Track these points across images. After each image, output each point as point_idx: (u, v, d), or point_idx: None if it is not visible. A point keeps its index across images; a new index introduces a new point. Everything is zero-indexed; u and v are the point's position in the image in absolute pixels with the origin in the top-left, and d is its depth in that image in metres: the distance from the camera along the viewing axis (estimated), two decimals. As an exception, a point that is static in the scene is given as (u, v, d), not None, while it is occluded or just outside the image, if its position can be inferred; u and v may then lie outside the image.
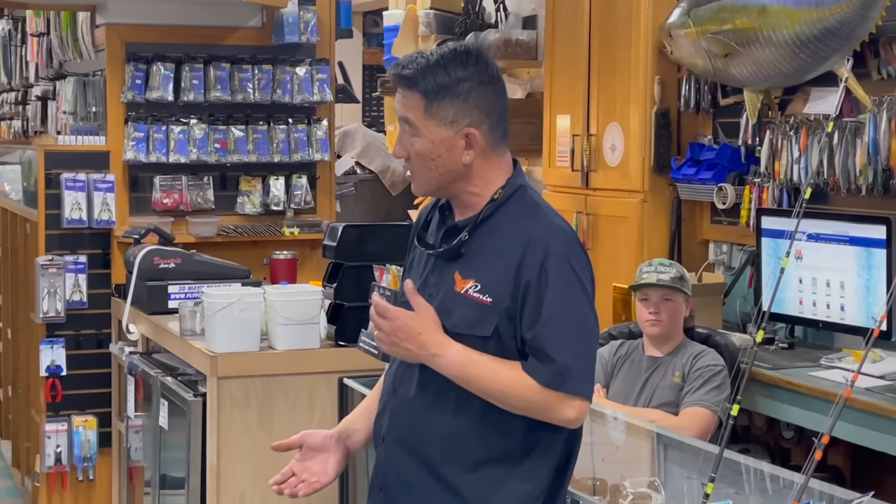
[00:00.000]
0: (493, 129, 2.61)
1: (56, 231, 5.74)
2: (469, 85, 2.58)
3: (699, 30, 4.84)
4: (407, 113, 2.61)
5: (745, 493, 3.02)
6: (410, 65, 2.60)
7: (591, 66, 5.56)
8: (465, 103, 2.58)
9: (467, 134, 2.58)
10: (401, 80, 2.61)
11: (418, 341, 2.56)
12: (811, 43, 4.50)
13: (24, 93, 8.88)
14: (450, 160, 2.60)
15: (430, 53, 2.61)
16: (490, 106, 2.60)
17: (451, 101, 2.57)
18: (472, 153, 2.60)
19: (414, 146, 2.61)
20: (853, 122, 4.47)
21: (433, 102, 2.57)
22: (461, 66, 2.58)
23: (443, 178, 2.62)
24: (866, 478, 4.39)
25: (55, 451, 5.71)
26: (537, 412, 2.55)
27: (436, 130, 2.58)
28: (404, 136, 2.63)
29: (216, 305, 4.22)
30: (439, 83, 2.57)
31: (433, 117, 2.58)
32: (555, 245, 2.55)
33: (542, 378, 2.52)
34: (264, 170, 6.28)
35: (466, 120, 2.58)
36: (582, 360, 2.55)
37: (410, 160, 2.63)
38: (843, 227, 4.44)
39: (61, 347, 5.72)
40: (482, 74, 2.59)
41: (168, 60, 6.05)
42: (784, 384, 4.23)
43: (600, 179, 5.52)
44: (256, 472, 4.20)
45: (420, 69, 2.58)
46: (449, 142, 2.59)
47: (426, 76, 2.57)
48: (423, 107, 2.58)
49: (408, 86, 2.60)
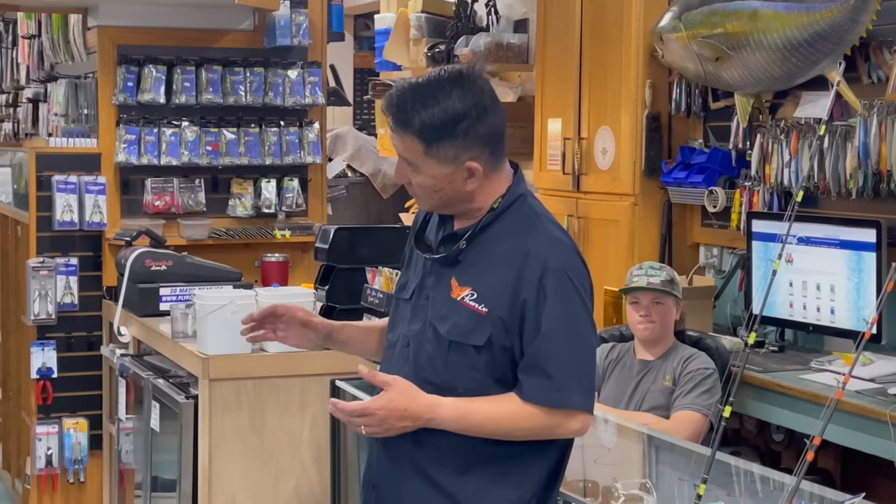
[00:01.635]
0: (493, 154, 2.58)
1: (47, 233, 5.74)
2: (467, 123, 2.51)
3: (690, 34, 4.85)
4: (406, 154, 2.56)
5: (736, 495, 3.03)
6: (403, 105, 2.52)
7: (582, 69, 5.57)
8: (465, 140, 2.53)
9: (469, 168, 2.55)
10: (396, 123, 2.54)
11: (409, 417, 2.52)
12: (802, 47, 4.51)
13: (14, 95, 8.87)
14: (452, 190, 2.58)
15: (422, 86, 2.53)
16: (489, 135, 2.56)
17: (451, 142, 2.52)
18: (475, 182, 2.57)
19: (416, 179, 2.58)
20: (843, 125, 4.48)
21: (432, 145, 2.52)
22: (457, 100, 2.51)
23: (446, 202, 2.61)
24: (856, 481, 4.40)
25: (46, 453, 5.71)
26: (544, 435, 2.55)
27: (436, 168, 2.55)
28: (405, 169, 2.59)
29: (208, 308, 4.22)
30: (436, 125, 2.50)
31: (433, 157, 2.54)
32: (553, 260, 2.54)
33: (543, 399, 2.51)
34: (256, 172, 6.28)
35: (467, 155, 2.54)
36: (581, 375, 2.55)
37: (412, 186, 2.61)
38: (834, 231, 4.46)
39: (52, 350, 5.72)
40: (478, 107, 2.53)
41: (160, 63, 6.05)
42: (774, 387, 4.24)
43: (591, 183, 5.53)
44: (248, 475, 4.21)
45: (415, 111, 2.50)
46: (450, 176, 2.56)
47: (422, 118, 2.50)
48: (422, 149, 2.53)
49: (404, 129, 2.54)
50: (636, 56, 5.26)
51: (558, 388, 2.51)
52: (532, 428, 2.53)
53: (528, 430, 2.54)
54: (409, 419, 2.51)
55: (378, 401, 2.50)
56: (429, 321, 2.62)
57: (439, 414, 2.52)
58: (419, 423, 2.52)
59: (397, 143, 2.57)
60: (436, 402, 2.53)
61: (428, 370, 2.60)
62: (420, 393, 2.53)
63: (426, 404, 2.52)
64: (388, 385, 2.51)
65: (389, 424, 2.52)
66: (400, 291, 2.75)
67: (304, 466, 4.28)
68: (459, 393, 2.57)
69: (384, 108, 2.59)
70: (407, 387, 2.52)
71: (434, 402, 2.53)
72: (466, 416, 2.52)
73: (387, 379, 2.52)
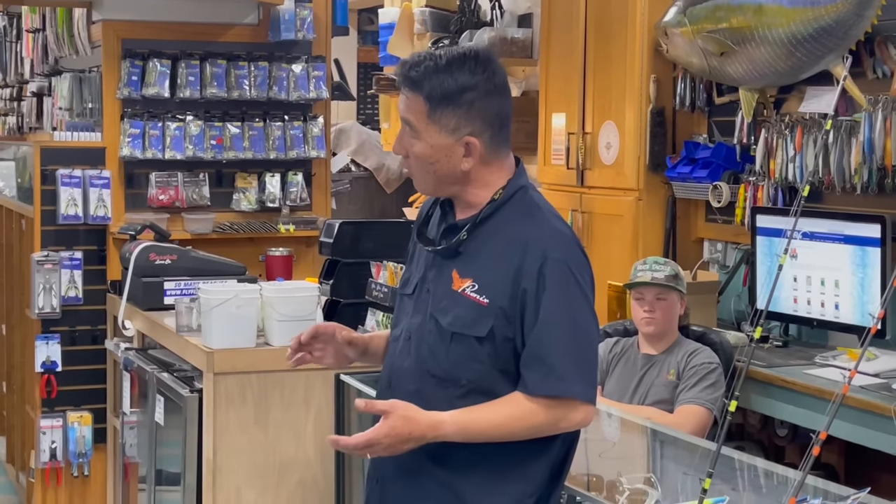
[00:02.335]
0: (494, 137, 2.60)
1: (52, 227, 5.74)
2: (474, 95, 2.56)
3: (695, 28, 4.85)
4: (409, 115, 2.60)
5: (741, 489, 3.03)
6: (417, 66, 2.58)
7: (586, 64, 5.57)
8: (468, 113, 2.56)
9: (467, 143, 2.57)
10: (406, 82, 2.59)
11: (414, 439, 2.52)
12: (807, 42, 4.51)
13: (19, 89, 8.87)
14: (448, 165, 2.60)
15: (440, 56, 2.59)
16: (493, 115, 2.59)
17: (454, 110, 2.56)
18: (471, 161, 2.59)
19: (413, 148, 2.60)
20: (848, 121, 4.48)
21: (436, 109, 2.56)
22: (469, 73, 2.56)
23: (440, 181, 2.62)
24: (860, 476, 4.40)
25: (50, 446, 5.71)
26: (548, 430, 2.56)
27: (436, 136, 2.58)
28: (405, 136, 2.62)
29: (213, 301, 4.22)
30: (444, 90, 2.55)
31: (435, 123, 2.57)
32: (553, 250, 2.55)
33: (545, 389, 2.52)
34: (260, 167, 6.28)
35: (468, 129, 2.57)
36: (583, 364, 2.55)
37: (409, 159, 2.63)
38: (838, 226, 4.46)
39: (56, 343, 5.72)
40: (488, 84, 2.57)
41: (164, 57, 6.05)
42: (779, 382, 4.25)
43: (595, 178, 5.53)
44: (252, 468, 4.21)
45: (427, 73, 2.56)
46: (448, 148, 2.58)
47: (432, 81, 2.56)
48: (426, 112, 2.57)
49: (412, 88, 2.58)
50: (640, 51, 5.26)
51: (560, 377, 2.51)
52: (535, 425, 2.53)
53: (531, 429, 2.54)
54: (414, 441, 2.51)
55: (381, 430, 2.49)
56: (430, 314, 2.62)
57: (442, 431, 2.52)
58: (424, 442, 2.52)
59: (403, 104, 2.62)
60: (437, 420, 2.52)
61: (430, 363, 2.61)
62: (419, 414, 2.52)
63: (428, 424, 2.51)
64: (388, 412, 2.50)
65: (395, 449, 2.52)
66: (403, 287, 2.77)
67: (308, 460, 4.29)
68: (463, 385, 2.58)
69: (397, 70, 2.64)
70: (406, 410, 2.51)
71: (435, 420, 2.52)
72: (469, 428, 2.53)
73: (385, 407, 2.51)
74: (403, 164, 2.68)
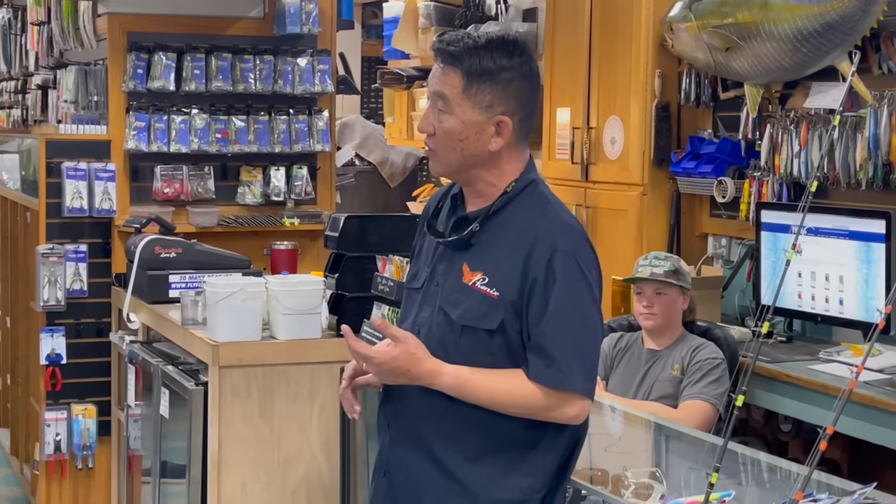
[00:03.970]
0: (522, 123, 2.61)
1: (57, 220, 5.75)
2: (511, 74, 2.57)
3: (700, 23, 4.85)
4: (444, 89, 2.58)
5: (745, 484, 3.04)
6: (456, 42, 2.58)
7: (591, 59, 5.57)
8: (505, 92, 2.57)
9: (499, 122, 2.58)
10: (444, 56, 2.59)
11: (409, 377, 2.57)
12: (812, 37, 4.51)
13: (24, 81, 8.87)
14: (477, 144, 2.59)
15: (479, 35, 2.60)
16: (526, 99, 2.60)
17: (492, 87, 2.56)
18: (500, 141, 2.59)
19: (443, 123, 2.59)
20: (854, 116, 4.48)
21: (473, 84, 2.56)
22: (507, 55, 2.57)
23: (465, 160, 2.61)
24: (864, 472, 4.41)
25: (55, 439, 5.72)
26: (538, 415, 2.57)
27: (469, 112, 2.57)
28: (434, 111, 2.61)
29: (218, 295, 4.23)
30: (483, 66, 2.56)
31: (470, 98, 2.57)
32: (563, 242, 2.56)
33: (544, 379, 2.53)
34: (265, 160, 6.28)
35: (502, 108, 2.57)
36: (584, 358, 2.56)
37: (435, 136, 2.61)
38: (843, 222, 4.46)
39: (61, 336, 5.73)
40: (525, 67, 2.59)
41: (170, 50, 6.06)
42: (783, 377, 4.25)
43: (600, 172, 5.53)
44: (257, 462, 4.22)
45: (466, 48, 2.57)
46: (480, 126, 2.58)
47: (472, 56, 2.56)
48: (463, 86, 2.56)
49: (451, 62, 2.58)
50: (646, 45, 5.26)
51: (560, 370, 2.53)
52: (527, 406, 2.55)
53: (523, 409, 2.56)
54: (408, 379, 2.57)
55: (384, 354, 2.55)
56: (439, 306, 2.63)
57: (439, 380, 2.56)
58: (417, 383, 2.57)
59: (437, 79, 2.60)
60: (438, 369, 2.56)
61: (440, 355, 2.61)
62: (426, 357, 2.56)
63: (428, 369, 2.56)
64: (399, 341, 2.55)
65: (387, 377, 2.59)
66: (411, 281, 2.76)
67: (313, 453, 4.29)
68: None
69: (434, 45, 2.64)
70: (416, 347, 2.56)
71: (436, 368, 2.56)
72: (465, 386, 2.56)
73: (398, 335, 2.56)
74: (426, 143, 2.65)
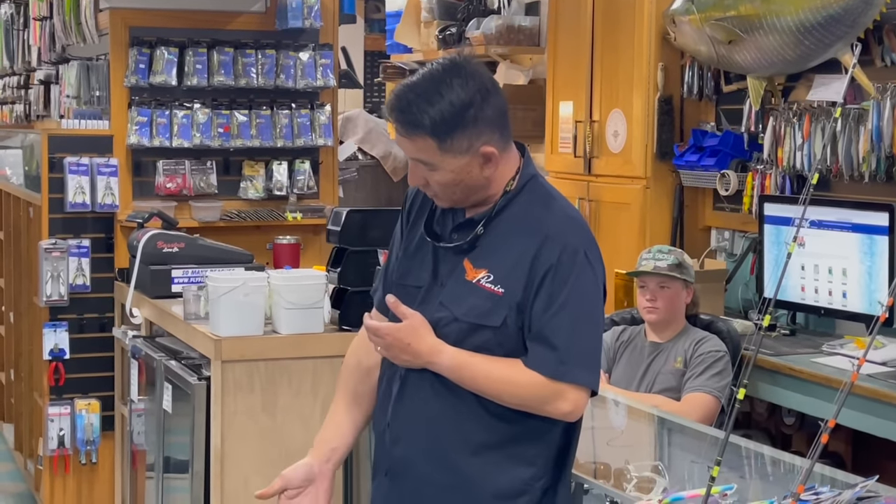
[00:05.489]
0: (502, 135, 2.59)
1: (59, 215, 5.74)
2: (474, 110, 2.50)
3: (703, 16, 4.85)
4: (420, 155, 2.55)
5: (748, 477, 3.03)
6: (408, 107, 2.50)
7: (594, 52, 5.57)
8: (476, 128, 2.52)
9: (484, 153, 2.55)
10: (405, 126, 2.52)
11: (410, 351, 2.58)
12: (815, 30, 4.51)
13: (26, 77, 8.87)
14: (471, 180, 2.57)
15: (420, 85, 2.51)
16: (496, 116, 2.55)
17: (463, 131, 2.51)
18: (493, 166, 2.57)
19: (433, 178, 2.57)
20: (857, 109, 4.48)
21: (445, 139, 2.51)
22: (460, 90, 2.50)
23: (468, 193, 2.60)
24: (867, 464, 4.41)
25: (58, 434, 5.72)
26: (532, 407, 2.56)
27: (453, 162, 2.54)
28: (420, 170, 2.58)
29: (220, 289, 4.22)
30: (446, 119, 2.49)
31: (449, 152, 2.52)
32: (571, 238, 2.56)
33: (544, 369, 2.53)
34: (267, 155, 6.28)
35: (481, 140, 2.54)
36: (586, 352, 2.56)
37: (430, 186, 2.60)
38: (846, 214, 4.46)
39: (64, 331, 5.72)
40: (482, 91, 2.52)
41: (171, 45, 6.05)
42: (786, 370, 4.25)
43: (603, 166, 5.53)
44: (260, 456, 4.22)
45: (420, 109, 2.49)
46: (468, 165, 2.55)
47: (430, 114, 2.49)
48: (436, 146, 2.52)
49: (414, 130, 2.51)
50: (648, 39, 5.25)
51: (561, 361, 2.52)
52: (523, 396, 2.55)
53: (518, 398, 2.56)
54: (411, 354, 2.59)
55: (391, 329, 2.59)
56: (442, 304, 2.62)
57: (439, 359, 2.57)
58: (419, 362, 2.59)
59: (408, 147, 2.55)
60: (438, 347, 2.57)
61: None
62: (428, 335, 2.58)
63: (429, 346, 2.57)
64: (406, 318, 2.59)
65: (392, 352, 2.61)
66: (405, 278, 2.72)
67: (315, 448, 4.28)
68: None
69: (388, 115, 2.57)
70: (420, 324, 2.58)
71: (437, 347, 2.57)
72: (463, 368, 2.57)
73: (406, 312, 2.59)
74: (423, 190, 2.64)
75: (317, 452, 2.79)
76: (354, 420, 2.82)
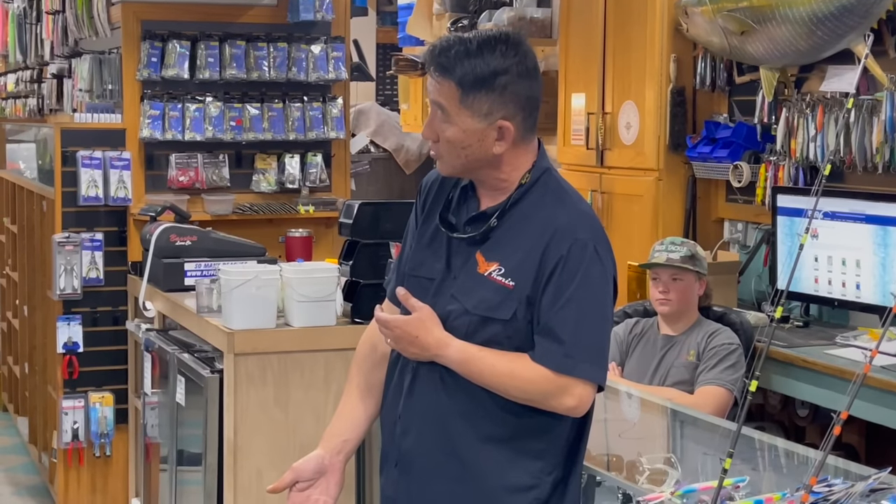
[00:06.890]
0: (525, 121, 2.58)
1: (72, 208, 5.76)
2: (506, 79, 2.53)
3: (715, 7, 4.83)
4: (440, 99, 2.56)
5: (761, 469, 3.03)
6: (447, 51, 2.54)
7: (606, 43, 5.55)
8: (501, 97, 2.53)
9: (500, 127, 2.55)
10: (436, 67, 2.55)
11: (418, 344, 2.59)
12: (828, 20, 4.49)
13: (39, 71, 8.89)
14: (480, 150, 2.57)
15: (469, 40, 2.55)
16: (525, 98, 2.57)
17: (488, 94, 2.53)
18: (504, 144, 2.57)
19: (445, 132, 2.57)
20: (870, 100, 4.46)
21: (468, 94, 2.53)
22: (500, 57, 2.53)
23: (471, 164, 2.60)
24: (881, 456, 4.39)
25: (72, 427, 5.74)
26: (537, 402, 2.56)
27: (469, 121, 2.55)
28: (435, 120, 2.59)
29: (233, 282, 4.23)
30: (477, 74, 2.52)
31: (467, 108, 2.54)
32: (582, 232, 2.55)
33: (550, 362, 2.52)
34: (279, 148, 6.29)
35: (501, 113, 2.54)
36: (594, 347, 2.56)
37: (439, 143, 2.60)
38: (860, 206, 4.44)
39: (78, 324, 5.74)
40: (520, 66, 2.55)
41: (184, 38, 6.06)
42: (799, 362, 4.24)
43: (615, 158, 5.52)
44: (273, 449, 4.22)
45: (458, 57, 2.52)
46: (481, 133, 2.55)
47: (463, 65, 2.52)
48: (458, 97, 2.53)
49: (443, 73, 2.54)
50: (661, 30, 5.24)
51: (568, 355, 2.52)
52: (528, 391, 2.55)
53: (523, 393, 2.55)
54: (419, 347, 2.59)
55: (400, 321, 2.61)
56: (453, 296, 2.62)
57: (445, 352, 2.58)
58: (427, 355, 2.60)
59: (433, 89, 2.58)
60: (445, 341, 2.58)
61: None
62: (436, 327, 2.59)
63: (436, 339, 2.58)
64: (415, 311, 2.60)
65: (401, 344, 2.62)
66: (417, 269, 2.72)
67: (328, 440, 4.29)
68: None
69: (426, 55, 2.60)
70: (428, 317, 2.59)
71: (444, 340, 2.58)
72: (470, 362, 2.57)
73: (415, 305, 2.61)
74: (431, 148, 2.64)
75: (328, 444, 2.79)
76: (367, 411, 2.82)
